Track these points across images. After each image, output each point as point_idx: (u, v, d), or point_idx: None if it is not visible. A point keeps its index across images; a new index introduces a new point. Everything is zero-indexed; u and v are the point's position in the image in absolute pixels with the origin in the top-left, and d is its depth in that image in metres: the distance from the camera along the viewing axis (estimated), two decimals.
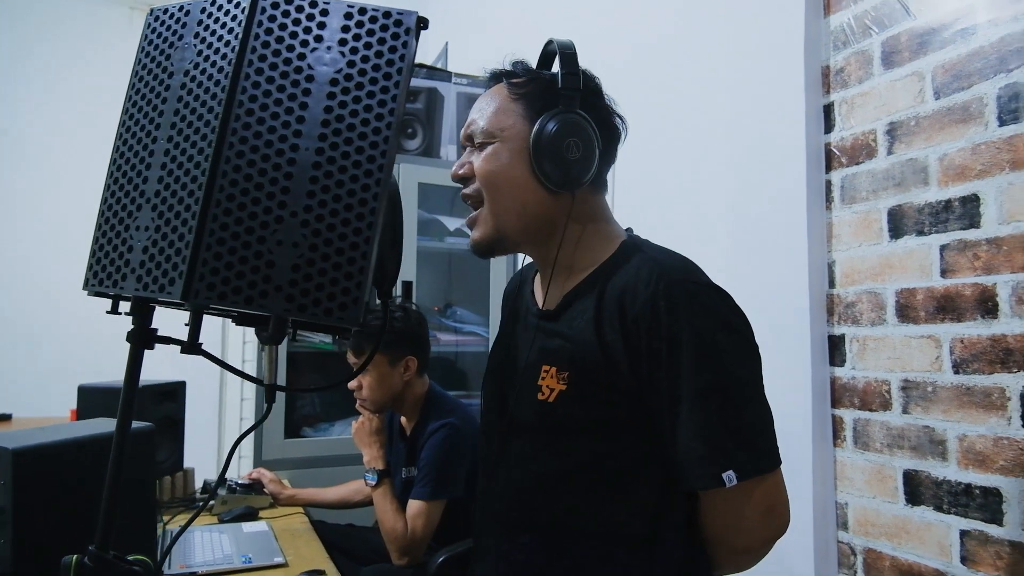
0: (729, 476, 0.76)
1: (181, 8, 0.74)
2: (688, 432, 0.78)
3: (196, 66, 0.70)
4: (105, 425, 1.28)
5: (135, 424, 1.18)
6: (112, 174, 0.74)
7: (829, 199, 1.35)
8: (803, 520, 1.27)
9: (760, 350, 0.84)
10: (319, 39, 0.69)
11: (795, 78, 1.38)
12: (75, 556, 0.68)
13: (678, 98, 1.76)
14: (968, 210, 1.09)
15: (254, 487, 1.96)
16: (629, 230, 0.97)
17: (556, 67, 0.97)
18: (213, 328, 3.20)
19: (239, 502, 1.88)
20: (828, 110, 1.36)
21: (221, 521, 1.79)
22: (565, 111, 0.87)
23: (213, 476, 2.00)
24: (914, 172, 1.18)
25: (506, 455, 0.93)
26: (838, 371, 1.31)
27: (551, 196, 0.90)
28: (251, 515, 1.83)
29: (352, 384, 1.71)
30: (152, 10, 0.77)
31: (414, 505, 1.60)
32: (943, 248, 1.13)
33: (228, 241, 0.64)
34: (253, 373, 2.25)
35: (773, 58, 1.43)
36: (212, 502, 1.87)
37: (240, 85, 0.67)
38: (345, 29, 0.69)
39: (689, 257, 0.88)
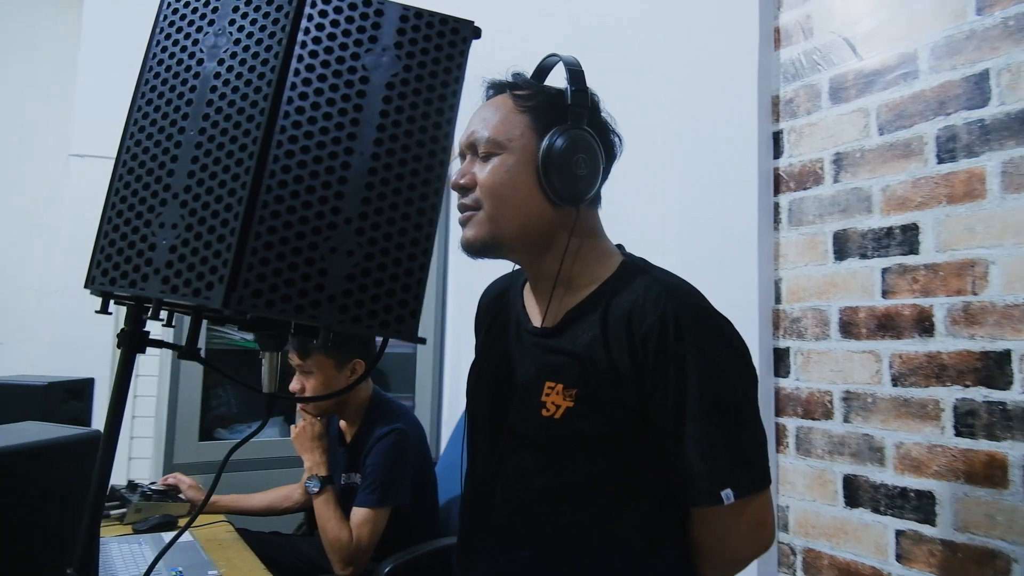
0: (727, 494, 0.81)
1: None
2: (691, 450, 0.82)
3: (234, 55, 0.66)
4: (43, 430, 1.14)
5: (80, 431, 1.07)
6: (126, 163, 0.68)
7: (777, 220, 1.45)
8: None
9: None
10: (373, 40, 0.66)
11: (749, 105, 1.47)
12: None
13: (637, 119, 1.82)
14: (908, 237, 1.22)
15: (170, 493, 1.82)
16: (620, 247, 1.00)
17: (549, 80, 0.99)
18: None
19: (155, 510, 1.74)
20: (777, 137, 1.46)
21: (136, 531, 1.65)
22: (574, 127, 0.89)
23: (121, 481, 1.84)
24: (859, 200, 1.30)
25: (504, 470, 0.93)
26: (783, 382, 1.41)
27: (553, 209, 0.91)
28: (170, 524, 1.70)
29: (294, 386, 1.64)
30: None
31: (359, 512, 1.56)
32: (885, 271, 1.25)
33: (277, 246, 0.61)
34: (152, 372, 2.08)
35: (728, 86, 1.52)
36: (124, 511, 1.72)
37: (289, 80, 0.63)
38: (401, 32, 0.67)
39: None
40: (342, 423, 1.77)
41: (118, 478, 1.86)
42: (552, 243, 0.93)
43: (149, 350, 0.70)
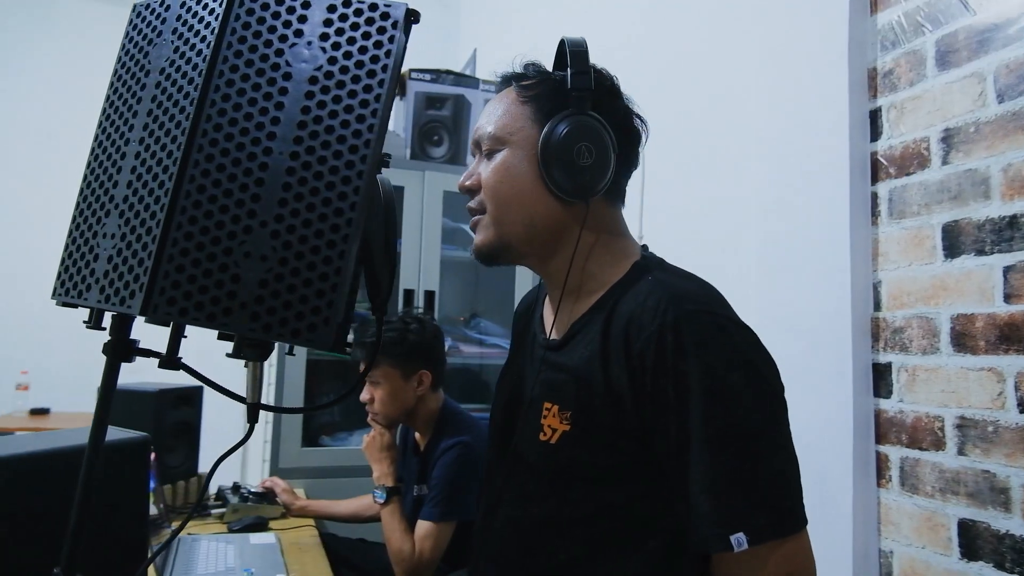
0: (738, 539, 0.66)
1: (162, 3, 0.69)
2: (695, 485, 0.69)
3: (172, 63, 0.65)
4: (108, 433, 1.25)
5: (131, 434, 1.15)
6: (86, 177, 0.70)
7: (875, 213, 1.24)
8: (842, 569, 1.16)
9: (786, 392, 0.74)
10: (299, 33, 0.63)
11: (838, 81, 1.27)
12: None
13: (709, 105, 1.67)
14: None
15: (267, 496, 1.92)
16: (644, 247, 0.88)
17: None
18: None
19: (250, 511, 1.85)
20: (875, 116, 1.25)
21: (230, 530, 1.75)
22: (576, 113, 0.79)
23: (228, 482, 1.97)
24: (973, 184, 1.07)
25: (506, 495, 0.86)
26: (883, 403, 1.19)
27: (562, 206, 0.82)
28: (261, 525, 1.80)
29: (364, 397, 1.66)
30: (135, 5, 0.73)
31: (423, 526, 1.54)
32: (1007, 270, 1.01)
33: (192, 252, 0.59)
34: (270, 383, 2.22)
35: (814, 60, 1.33)
36: (223, 510, 1.84)
37: (213, 83, 0.62)
38: (328, 23, 0.63)
39: (712, 281, 0.79)
40: (416, 434, 1.76)
41: (230, 480, 2.00)
42: (562, 244, 0.85)
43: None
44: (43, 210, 3.97)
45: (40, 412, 3.57)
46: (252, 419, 0.76)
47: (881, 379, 1.20)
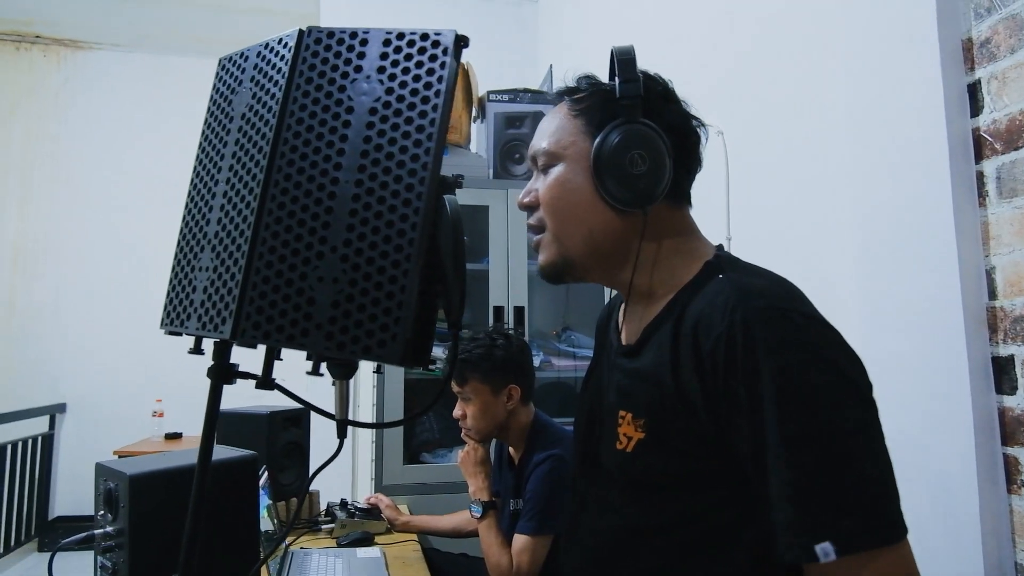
0: (824, 549, 0.62)
1: (242, 54, 0.76)
2: (777, 491, 0.65)
3: (251, 108, 0.71)
4: (222, 452, 1.35)
5: (240, 452, 1.24)
6: (184, 218, 0.77)
7: (982, 194, 1.14)
8: None
9: (896, 392, 0.69)
10: (359, 69, 0.67)
11: (929, 56, 1.19)
12: None
13: (791, 90, 1.60)
14: None
15: (372, 512, 2.00)
16: (719, 247, 0.86)
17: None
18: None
19: (357, 527, 1.93)
20: (973, 89, 1.16)
21: (339, 545, 1.84)
22: (626, 122, 0.79)
23: (337, 499, 2.07)
24: None
25: (591, 503, 0.85)
26: (1008, 400, 1.09)
27: (621, 217, 0.82)
28: (367, 540, 1.87)
29: (457, 413, 1.70)
30: (220, 59, 0.80)
31: (520, 540, 1.55)
32: None
33: (272, 279, 0.64)
34: (372, 403, 2.31)
35: (900, 35, 1.25)
36: (332, 525, 1.93)
37: (285, 123, 0.67)
38: (383, 56, 0.67)
39: (807, 278, 0.76)
40: (511, 448, 1.78)
41: (339, 497, 2.10)
42: (628, 254, 0.84)
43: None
44: (167, 250, 4.37)
45: (174, 436, 3.91)
46: (341, 435, 0.80)
47: (1003, 374, 1.10)
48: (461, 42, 0.67)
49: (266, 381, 0.78)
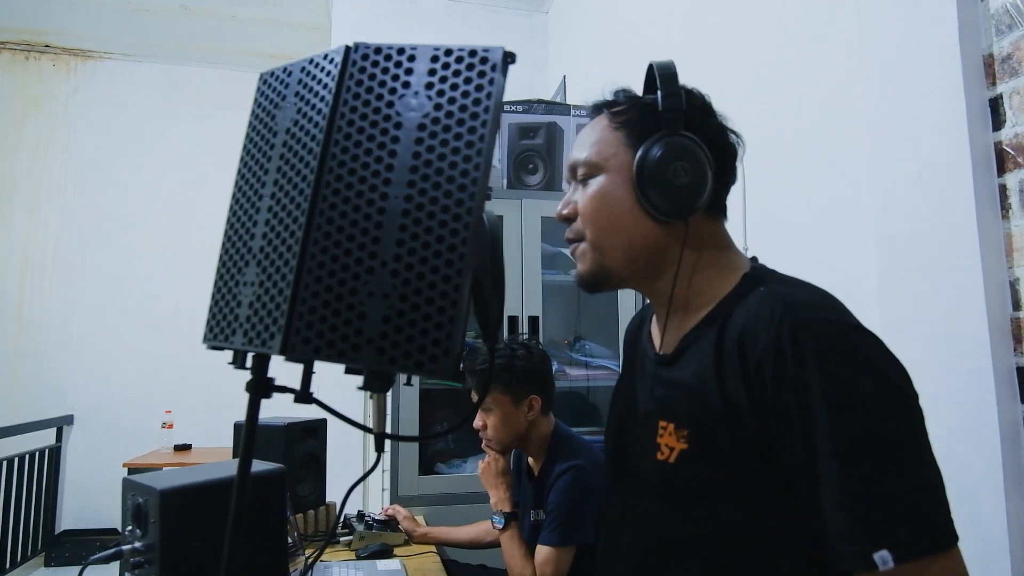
0: (883, 557, 0.62)
1: (285, 70, 0.77)
2: (830, 501, 0.66)
3: (296, 123, 0.72)
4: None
5: (269, 466, 1.24)
6: (226, 232, 0.77)
7: (1005, 207, 1.15)
8: None
9: (921, 403, 0.69)
10: (407, 85, 0.68)
11: (951, 71, 1.20)
12: None
13: (812, 104, 1.61)
14: None
15: (390, 524, 2.00)
16: (754, 259, 0.87)
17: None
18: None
19: (375, 539, 1.92)
20: (995, 104, 1.17)
21: (358, 557, 1.83)
22: (669, 134, 0.80)
23: (353, 511, 2.07)
24: None
25: (629, 516, 0.85)
26: None
27: (660, 227, 0.83)
28: (386, 552, 1.86)
29: (477, 423, 1.70)
30: (261, 74, 0.81)
31: (543, 551, 1.55)
32: None
33: (322, 294, 0.64)
34: (387, 413, 2.31)
35: (922, 49, 1.26)
36: (351, 537, 1.93)
37: (333, 138, 0.68)
38: (432, 72, 0.67)
39: (828, 290, 0.76)
40: (530, 459, 1.78)
41: (355, 509, 2.10)
42: (666, 265, 0.85)
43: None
44: (182, 265, 4.38)
45: (183, 448, 3.90)
46: (379, 448, 0.80)
47: None
48: (508, 58, 0.68)
49: (304, 395, 0.79)
